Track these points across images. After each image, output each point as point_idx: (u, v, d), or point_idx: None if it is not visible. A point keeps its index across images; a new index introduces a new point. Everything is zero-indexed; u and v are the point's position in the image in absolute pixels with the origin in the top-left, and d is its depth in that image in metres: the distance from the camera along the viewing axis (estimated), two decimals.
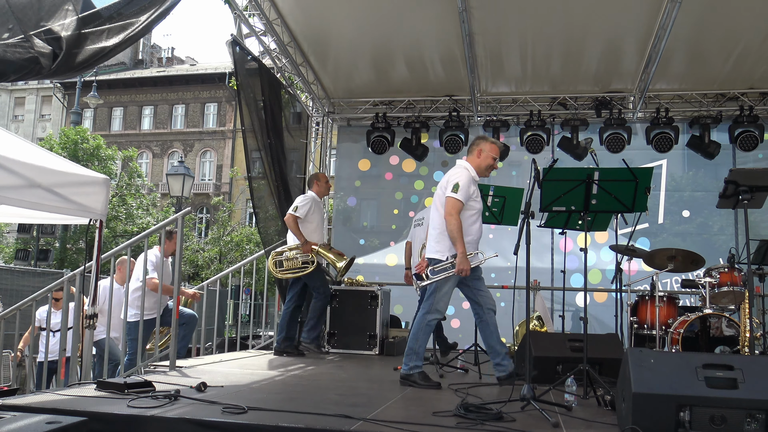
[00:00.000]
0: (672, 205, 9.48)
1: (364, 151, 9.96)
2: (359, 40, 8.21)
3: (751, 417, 2.98)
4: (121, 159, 25.30)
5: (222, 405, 3.48)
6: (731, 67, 8.18)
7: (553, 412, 3.66)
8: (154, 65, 39.89)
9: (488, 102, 9.48)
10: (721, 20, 7.21)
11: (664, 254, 6.43)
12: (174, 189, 13.46)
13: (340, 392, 4.40)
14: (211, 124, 35.11)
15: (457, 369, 5.85)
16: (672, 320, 6.40)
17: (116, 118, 36.35)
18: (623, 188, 3.97)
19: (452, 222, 4.66)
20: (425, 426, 3.22)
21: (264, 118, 7.77)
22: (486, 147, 4.93)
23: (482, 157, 4.92)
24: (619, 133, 8.80)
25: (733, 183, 4.19)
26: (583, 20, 7.42)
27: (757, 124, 8.61)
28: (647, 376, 3.10)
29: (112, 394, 3.79)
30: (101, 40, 4.80)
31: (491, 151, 4.94)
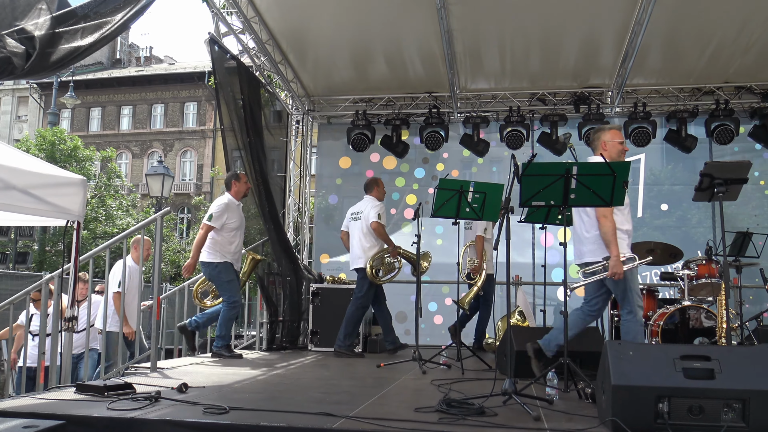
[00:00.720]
0: (651, 199, 9.58)
1: (344, 149, 9.95)
2: (338, 37, 8.20)
3: (728, 406, 3.02)
4: (99, 160, 25.04)
5: (203, 405, 3.45)
6: (706, 61, 8.28)
7: (534, 405, 3.68)
8: (132, 65, 39.51)
9: (468, 98, 9.51)
10: (695, 15, 7.29)
11: (642, 247, 6.49)
12: (153, 189, 13.35)
13: (322, 390, 4.39)
14: (191, 123, 34.85)
15: (440, 365, 5.86)
16: (652, 313, 6.47)
17: (94, 118, 35.97)
18: (601, 182, 3.99)
19: (606, 224, 4.52)
20: (407, 422, 3.21)
21: (243, 116, 7.72)
22: (606, 136, 4.75)
23: (609, 147, 4.71)
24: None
25: (708, 176, 4.24)
26: (560, 16, 7.46)
27: (732, 117, 8.72)
28: (626, 368, 3.12)
29: (91, 397, 3.75)
30: (76, 40, 4.75)
31: (613, 136, 4.75)
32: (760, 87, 8.84)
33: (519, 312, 7.41)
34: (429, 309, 9.46)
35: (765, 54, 8.07)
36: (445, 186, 5.83)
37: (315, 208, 10.43)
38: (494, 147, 9.49)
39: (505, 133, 9.12)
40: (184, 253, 25.13)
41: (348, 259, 9.80)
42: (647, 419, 3.04)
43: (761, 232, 7.14)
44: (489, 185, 5.91)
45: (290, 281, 8.02)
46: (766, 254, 7.44)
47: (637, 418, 3.05)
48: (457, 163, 10.03)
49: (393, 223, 10.04)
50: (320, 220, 10.31)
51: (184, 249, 25.59)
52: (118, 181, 24.94)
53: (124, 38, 40.00)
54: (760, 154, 9.19)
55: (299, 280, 8.12)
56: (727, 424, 2.99)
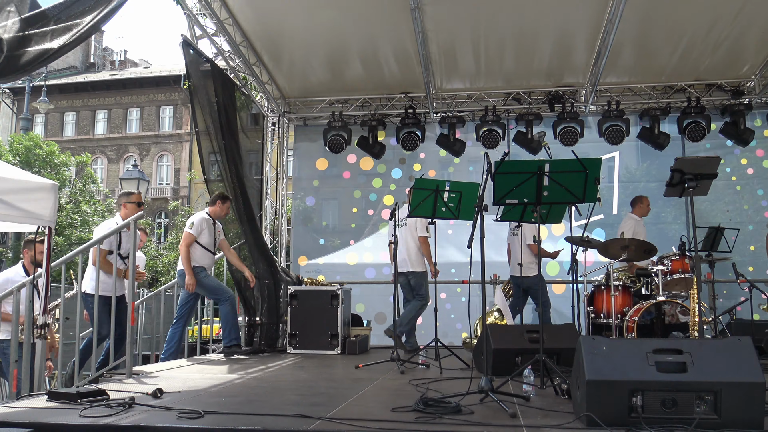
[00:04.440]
0: (628, 197, 9.65)
1: (321, 151, 9.93)
2: (313, 38, 8.17)
3: (700, 399, 3.05)
4: (74, 165, 24.72)
5: (178, 410, 3.41)
6: (678, 59, 8.39)
7: (511, 402, 3.69)
8: (106, 68, 39.10)
9: (444, 98, 9.54)
10: (666, 15, 7.39)
11: (617, 244, 6.55)
12: None
13: (300, 393, 4.37)
14: (167, 127, 34.57)
15: (418, 365, 5.86)
16: (627, 308, 6.53)
17: (69, 123, 35.55)
18: (573, 179, 4.03)
19: None
20: (384, 422, 3.21)
21: (218, 119, 7.67)
22: None
23: None
24: (573, 127, 8.95)
25: (678, 171, 4.30)
26: (533, 15, 7.51)
27: (704, 114, 8.84)
28: (600, 363, 3.14)
29: (63, 405, 3.69)
30: (45, 42, 4.69)
31: None
32: (730, 84, 8.98)
33: (497, 310, 7.43)
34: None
35: (734, 52, 8.21)
36: (421, 186, 5.84)
37: (292, 210, 10.39)
38: (470, 147, 9.53)
39: (481, 133, 9.15)
40: (161, 258, 24.90)
41: (325, 261, 9.85)
42: (621, 413, 3.07)
43: (733, 227, 7.26)
44: (465, 184, 5.92)
45: (268, 284, 7.98)
46: (738, 249, 7.57)
47: (612, 412, 3.07)
48: (434, 163, 10.05)
49: (372, 224, 10.06)
50: (298, 222, 10.27)
51: (161, 254, 25.35)
52: (93, 187, 24.63)
53: (98, 42, 39.59)
54: (731, 150, 9.33)
55: (277, 282, 8.07)
56: (700, 416, 3.02)
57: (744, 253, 8.89)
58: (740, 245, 8.39)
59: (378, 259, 9.66)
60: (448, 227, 9.07)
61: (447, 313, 9.16)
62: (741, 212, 9.27)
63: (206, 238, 6.73)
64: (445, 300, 9.28)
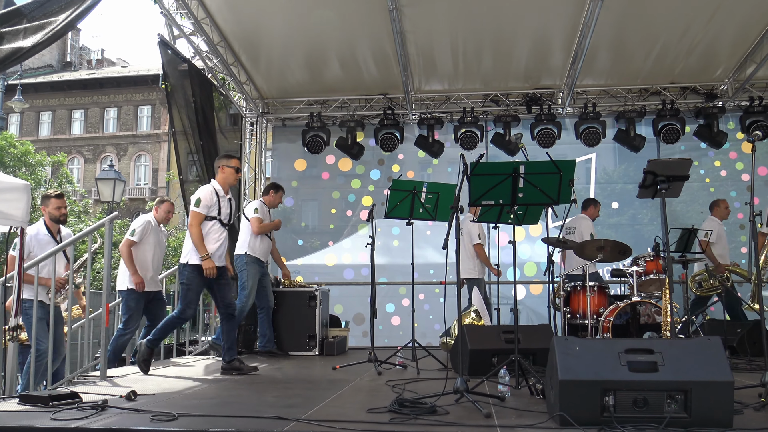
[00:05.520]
0: (605, 198, 9.75)
1: (299, 151, 9.90)
2: (291, 38, 8.15)
3: (670, 398, 3.09)
4: (50, 165, 24.40)
5: (151, 413, 3.39)
6: (653, 62, 8.49)
7: (486, 403, 3.71)
8: (83, 67, 38.65)
9: (422, 100, 9.57)
10: (640, 18, 7.48)
11: (593, 245, 6.62)
12: (105, 194, 13.09)
13: (276, 394, 4.36)
14: (145, 127, 34.26)
15: (396, 366, 5.87)
16: (603, 309, 6.59)
17: (44, 122, 35.08)
18: (548, 181, 4.06)
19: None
20: (358, 423, 3.21)
21: (196, 119, 7.63)
22: None
23: None
24: (550, 129, 9.02)
25: (651, 173, 4.36)
26: (511, 18, 7.56)
27: (678, 117, 8.95)
28: (573, 363, 3.18)
29: (35, 408, 3.64)
30: (18, 40, 4.63)
31: None
32: (703, 87, 9.11)
33: (474, 311, 7.46)
34: (386, 310, 9.48)
35: (708, 56, 8.33)
36: (398, 187, 5.86)
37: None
38: (449, 148, 9.56)
39: (459, 134, 9.19)
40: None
41: (304, 262, 9.82)
42: (594, 413, 3.10)
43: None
44: (442, 186, 5.95)
45: None
46: None
47: (584, 411, 3.10)
48: (412, 164, 10.07)
49: (351, 225, 10.05)
50: None
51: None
52: (69, 187, 24.32)
53: (75, 40, 39.15)
54: (705, 152, 9.47)
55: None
56: (670, 415, 3.07)
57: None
58: None
59: (357, 260, 9.66)
60: (427, 228, 9.09)
61: (425, 314, 9.18)
62: None
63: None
64: (423, 301, 9.29)
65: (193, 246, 5.41)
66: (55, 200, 5.88)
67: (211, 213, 5.50)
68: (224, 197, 5.61)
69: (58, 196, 5.98)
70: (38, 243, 5.70)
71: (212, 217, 5.50)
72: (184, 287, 5.48)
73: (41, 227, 5.85)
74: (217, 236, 5.52)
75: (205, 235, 5.44)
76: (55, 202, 5.87)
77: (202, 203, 5.45)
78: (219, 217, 5.54)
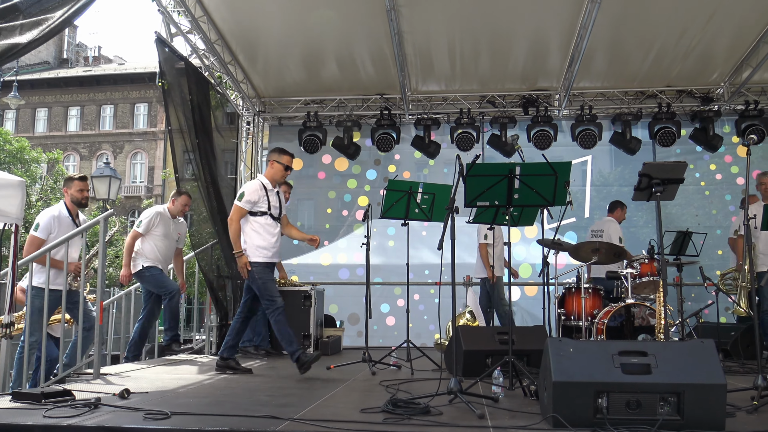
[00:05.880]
0: (601, 200, 9.77)
1: (296, 151, 9.84)
2: (289, 38, 8.14)
3: (663, 400, 3.10)
4: (46, 162, 24.34)
5: (144, 411, 3.38)
6: (649, 65, 8.51)
7: (479, 404, 3.72)
8: (80, 64, 38.53)
9: (419, 100, 9.57)
10: (638, 21, 7.49)
11: (588, 247, 6.63)
12: (100, 191, 13.05)
13: (269, 393, 4.35)
14: (142, 124, 34.20)
15: (390, 366, 5.88)
16: (597, 311, 6.61)
17: (40, 119, 35.00)
18: (544, 182, 4.07)
19: None
20: (352, 423, 3.21)
21: (192, 117, 7.61)
22: None
23: None
24: (546, 130, 9.03)
25: (646, 176, 4.37)
26: (509, 19, 7.57)
27: (674, 120, 8.97)
28: (566, 364, 3.18)
29: (27, 405, 3.63)
30: (14, 36, 4.61)
31: None
32: (699, 91, 9.13)
33: (469, 312, 7.48)
34: (381, 310, 9.48)
35: (704, 59, 8.35)
36: (394, 187, 5.86)
37: None
38: (445, 149, 9.56)
39: (455, 135, 9.19)
40: None
41: (299, 261, 9.81)
42: (587, 414, 3.11)
43: (702, 231, 7.38)
44: (438, 186, 5.95)
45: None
46: (706, 253, 7.69)
47: (577, 413, 3.11)
48: (409, 164, 10.07)
49: (346, 225, 10.05)
50: None
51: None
52: None
53: (72, 37, 39.04)
54: (700, 156, 9.49)
55: None
56: (663, 417, 3.07)
57: (712, 257, 9.03)
58: (708, 249, 8.52)
59: (352, 260, 9.66)
60: (422, 229, 9.10)
61: (420, 315, 9.19)
62: (709, 217, 9.43)
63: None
64: (418, 301, 9.30)
65: (252, 243, 5.37)
66: (78, 182, 5.85)
67: (259, 208, 5.40)
68: (272, 190, 5.52)
69: (81, 178, 5.95)
70: (60, 224, 5.66)
71: (262, 212, 5.42)
72: (260, 284, 5.39)
73: (62, 209, 5.80)
74: (271, 230, 5.46)
75: (258, 231, 5.38)
76: (79, 184, 5.84)
77: (244, 197, 5.36)
78: (269, 211, 5.45)
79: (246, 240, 5.40)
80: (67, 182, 5.93)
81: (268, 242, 5.42)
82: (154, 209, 6.75)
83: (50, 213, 5.76)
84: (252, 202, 5.39)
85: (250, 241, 5.38)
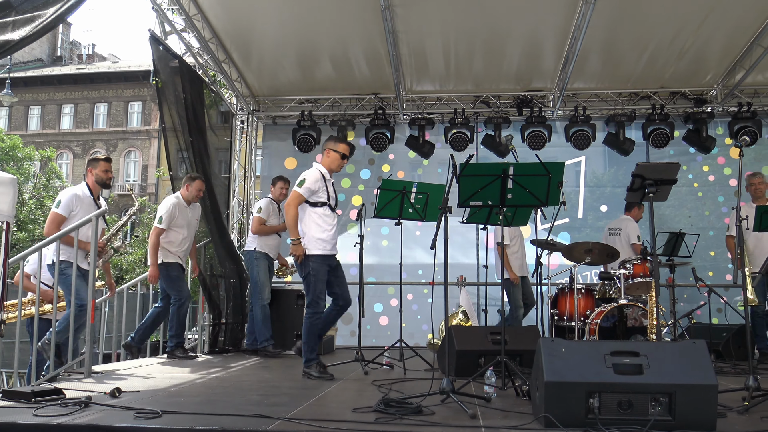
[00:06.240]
0: (594, 201, 9.80)
1: (290, 150, 9.86)
2: (283, 37, 8.13)
3: (655, 401, 3.11)
4: (38, 160, 24.24)
5: (135, 410, 3.37)
6: (643, 67, 8.53)
7: (472, 403, 3.72)
8: (73, 62, 38.34)
9: (413, 100, 9.57)
10: (632, 23, 7.51)
11: (581, 248, 6.64)
12: None
13: (261, 393, 4.34)
14: (136, 123, 34.07)
15: (382, 365, 5.87)
16: (590, 311, 6.62)
17: (33, 117, 34.82)
18: (537, 183, 4.07)
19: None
20: (344, 422, 3.21)
21: (186, 116, 7.59)
22: None
23: None
24: (540, 131, 9.05)
25: (639, 177, 4.38)
26: (503, 20, 7.57)
27: (667, 122, 9.00)
28: (558, 364, 3.18)
29: (17, 404, 3.61)
30: (6, 33, 4.58)
31: None
32: (693, 92, 9.16)
33: (462, 312, 7.48)
34: (374, 310, 9.47)
35: (697, 61, 8.38)
36: (388, 187, 5.85)
37: None
38: (439, 149, 9.56)
39: (449, 135, 9.19)
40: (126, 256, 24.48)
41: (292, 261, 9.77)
42: (579, 414, 3.11)
43: (695, 232, 7.40)
44: (432, 186, 5.95)
45: (234, 283, 7.92)
46: (698, 254, 7.72)
47: (569, 413, 3.11)
48: (403, 164, 10.06)
49: (340, 225, 10.01)
50: None
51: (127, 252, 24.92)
52: (58, 182, 24.18)
53: (66, 35, 38.89)
54: (693, 157, 9.52)
55: (243, 282, 8.01)
56: (655, 417, 3.08)
57: (705, 258, 9.07)
58: (701, 251, 8.56)
59: (345, 259, 9.50)
60: (416, 228, 9.11)
61: (413, 314, 9.19)
62: (702, 218, 9.45)
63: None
64: (411, 301, 9.30)
65: (312, 235, 5.13)
66: (104, 163, 5.78)
67: (318, 198, 5.19)
68: (330, 180, 5.34)
69: (107, 159, 5.90)
70: (81, 204, 5.58)
71: (322, 202, 5.20)
72: (310, 279, 5.16)
73: (84, 189, 5.70)
74: (330, 221, 5.26)
75: (318, 223, 5.16)
76: (104, 164, 5.77)
77: (305, 185, 5.15)
78: (329, 202, 5.26)
79: (304, 231, 5.17)
80: (92, 162, 5.82)
81: (327, 234, 5.20)
82: (169, 201, 6.64)
83: (72, 191, 5.67)
84: (312, 191, 5.17)
85: (309, 232, 5.15)
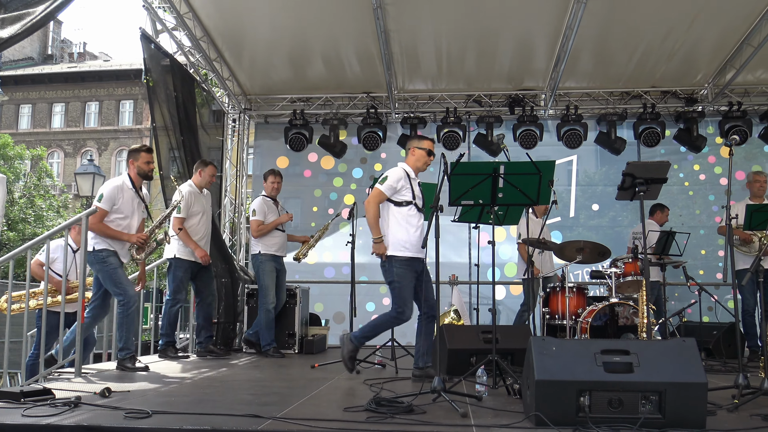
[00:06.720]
0: (586, 200, 9.83)
1: (282, 149, 9.84)
2: (275, 35, 8.11)
3: (645, 399, 3.11)
4: (29, 158, 24.10)
5: (125, 410, 3.35)
6: (634, 66, 8.56)
7: (463, 402, 3.72)
8: (64, 60, 38.14)
9: (405, 99, 9.57)
10: (623, 22, 7.54)
11: (572, 246, 6.66)
12: (83, 189, 12.95)
13: (253, 392, 4.33)
14: (127, 122, 33.91)
15: (374, 365, 5.87)
16: (581, 310, 6.63)
17: (24, 115, 34.61)
18: (528, 181, 4.08)
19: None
20: (335, 422, 3.20)
21: (178, 115, 7.57)
22: None
23: None
24: (532, 130, 9.06)
25: (630, 175, 4.40)
26: (495, 19, 7.58)
27: (658, 121, 9.03)
28: (549, 363, 3.19)
29: (6, 404, 3.58)
30: None
31: None
32: (683, 92, 9.20)
33: (454, 311, 7.48)
34: (367, 309, 9.45)
35: (688, 61, 8.42)
36: None
37: None
38: None
39: (441, 134, 9.20)
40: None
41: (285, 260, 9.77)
42: (569, 413, 3.11)
43: (685, 231, 7.43)
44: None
45: (225, 282, 7.90)
46: (689, 253, 7.75)
47: (560, 411, 3.11)
48: (395, 163, 9.91)
49: (333, 223, 10.00)
50: None
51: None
52: (48, 181, 24.04)
53: (57, 33, 38.67)
54: (684, 156, 9.56)
55: (234, 281, 8.00)
56: (645, 415, 3.09)
57: (695, 256, 9.11)
58: (692, 249, 8.59)
59: (338, 258, 9.63)
60: None
61: None
62: (693, 217, 9.50)
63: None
64: None
65: (393, 236, 4.91)
66: (145, 154, 5.67)
67: (403, 197, 4.95)
68: (415, 179, 5.10)
69: (148, 150, 5.76)
70: (123, 195, 5.53)
71: (407, 201, 4.95)
72: (396, 286, 4.92)
73: (126, 180, 5.62)
74: (416, 222, 4.96)
75: (401, 224, 4.92)
76: (146, 156, 5.67)
77: (387, 182, 4.94)
78: (414, 201, 4.99)
79: (386, 233, 4.97)
80: (132, 154, 5.71)
81: (411, 235, 4.91)
82: (183, 189, 6.47)
83: (114, 183, 5.58)
84: (394, 189, 4.94)
85: (391, 234, 4.93)
